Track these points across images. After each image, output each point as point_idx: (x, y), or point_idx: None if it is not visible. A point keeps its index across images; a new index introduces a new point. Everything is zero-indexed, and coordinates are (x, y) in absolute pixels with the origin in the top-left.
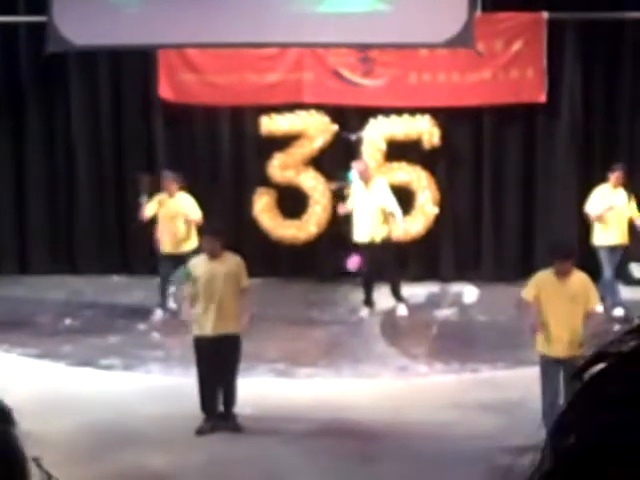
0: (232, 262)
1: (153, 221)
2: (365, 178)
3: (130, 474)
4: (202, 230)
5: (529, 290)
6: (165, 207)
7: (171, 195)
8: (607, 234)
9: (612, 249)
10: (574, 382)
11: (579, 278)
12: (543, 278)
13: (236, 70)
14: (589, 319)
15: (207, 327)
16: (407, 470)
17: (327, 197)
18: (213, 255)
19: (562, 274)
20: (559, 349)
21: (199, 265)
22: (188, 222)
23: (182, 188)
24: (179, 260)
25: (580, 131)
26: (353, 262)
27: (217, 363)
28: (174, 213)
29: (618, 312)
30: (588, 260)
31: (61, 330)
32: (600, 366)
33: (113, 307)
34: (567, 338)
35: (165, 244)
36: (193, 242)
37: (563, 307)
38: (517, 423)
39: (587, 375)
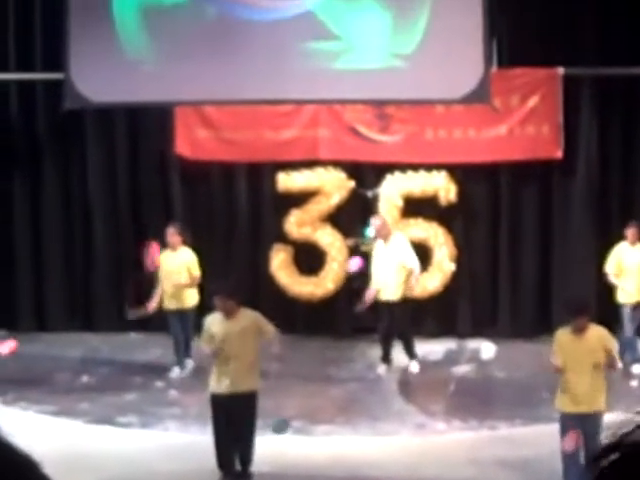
0: (247, 319)
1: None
2: (383, 235)
3: None
4: (205, 287)
5: (554, 354)
6: (167, 261)
7: (174, 249)
8: (628, 292)
9: (634, 307)
10: (588, 470)
11: (597, 332)
12: (561, 336)
13: (252, 127)
14: (609, 370)
15: (223, 385)
16: None
17: (344, 254)
18: (228, 314)
19: (578, 330)
20: (579, 404)
21: (214, 323)
22: (188, 277)
23: (185, 243)
24: (183, 315)
25: (597, 187)
26: (354, 264)
27: (233, 421)
28: (175, 267)
29: (637, 369)
30: (606, 317)
31: (78, 388)
32: (614, 456)
33: (130, 364)
34: (587, 393)
35: (167, 299)
36: (194, 297)
37: (582, 362)
38: None
39: (602, 464)
